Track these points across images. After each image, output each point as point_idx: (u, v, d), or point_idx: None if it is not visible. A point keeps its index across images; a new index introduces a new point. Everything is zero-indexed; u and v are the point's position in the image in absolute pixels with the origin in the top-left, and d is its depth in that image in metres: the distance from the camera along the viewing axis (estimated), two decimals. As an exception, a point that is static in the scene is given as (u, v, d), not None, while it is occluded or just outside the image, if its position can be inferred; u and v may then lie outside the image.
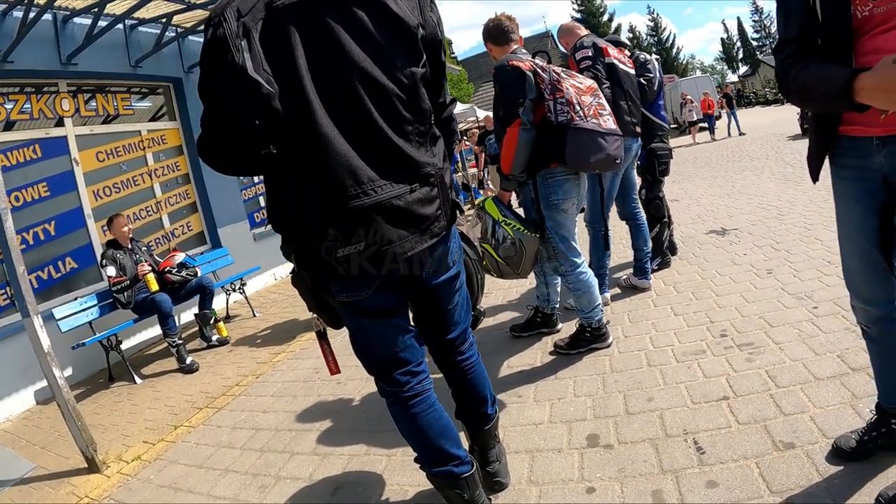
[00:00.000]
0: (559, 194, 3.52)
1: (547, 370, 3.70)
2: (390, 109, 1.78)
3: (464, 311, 2.29)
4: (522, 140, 3.31)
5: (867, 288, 1.98)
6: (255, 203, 10.08)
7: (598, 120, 3.33)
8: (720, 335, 3.67)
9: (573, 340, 3.84)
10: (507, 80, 3.37)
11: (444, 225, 1.95)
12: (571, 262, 3.66)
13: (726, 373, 3.17)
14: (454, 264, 2.11)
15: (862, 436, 2.23)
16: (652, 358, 3.58)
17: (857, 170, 1.83)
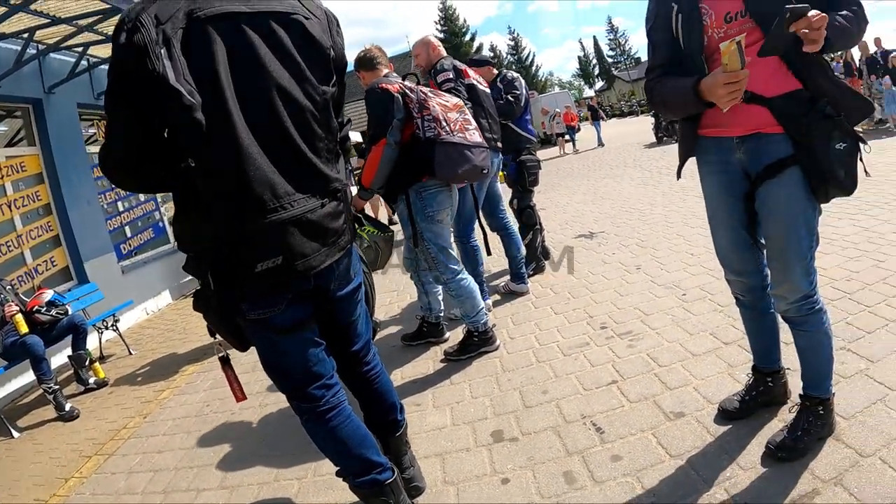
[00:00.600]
0: (433, 206, 3.79)
1: (441, 377, 3.89)
2: (305, 126, 1.88)
3: (365, 322, 2.41)
4: (385, 158, 3.59)
5: (739, 262, 2.43)
6: (121, 233, 9.72)
7: (464, 134, 3.63)
8: (600, 327, 4.06)
9: (462, 346, 4.09)
10: (377, 101, 3.63)
11: (348, 239, 2.08)
12: (451, 270, 3.91)
13: (611, 360, 3.52)
14: (355, 276, 2.24)
15: (743, 396, 2.65)
16: (540, 355, 3.87)
17: (722, 164, 2.29)
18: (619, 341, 3.75)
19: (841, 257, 4.47)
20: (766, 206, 2.18)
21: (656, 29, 2.28)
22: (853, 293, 3.75)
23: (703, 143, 2.33)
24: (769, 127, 2.08)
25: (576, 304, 4.69)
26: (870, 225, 5.17)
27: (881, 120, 12.99)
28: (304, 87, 1.88)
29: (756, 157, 2.16)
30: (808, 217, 2.12)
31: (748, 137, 2.15)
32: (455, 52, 57.37)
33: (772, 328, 2.56)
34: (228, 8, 1.74)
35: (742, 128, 2.15)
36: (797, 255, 2.14)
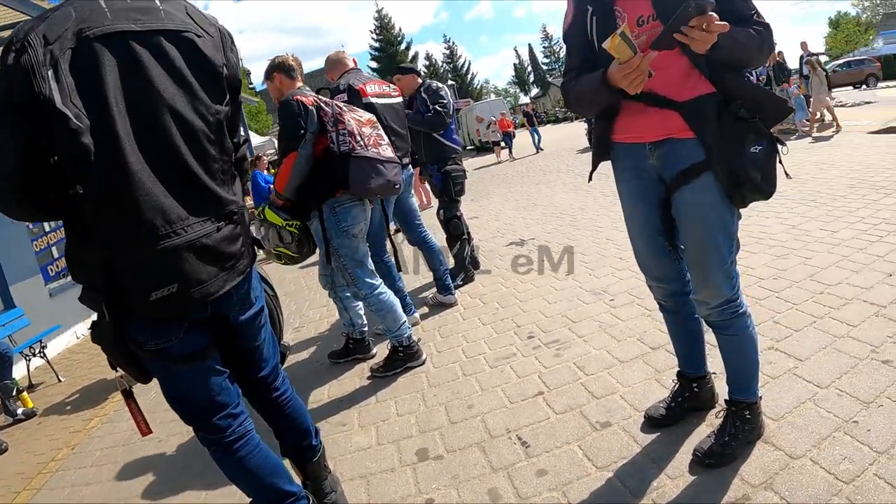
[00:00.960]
0: (348, 220, 3.75)
1: (367, 394, 3.80)
2: (198, 147, 1.82)
3: (271, 346, 2.35)
4: (297, 170, 3.58)
5: (658, 268, 2.39)
6: (48, 255, 9.16)
7: (377, 149, 3.66)
8: (528, 337, 3.99)
9: (388, 362, 4.02)
10: (291, 113, 3.60)
11: (247, 262, 2.03)
12: (369, 285, 3.88)
13: (538, 370, 3.44)
14: (257, 300, 2.17)
15: (669, 403, 2.59)
16: (466, 368, 3.79)
17: (636, 170, 2.24)
18: (546, 350, 3.68)
19: (769, 255, 4.51)
20: (681, 213, 2.13)
21: (572, 32, 2.23)
22: (781, 291, 3.77)
23: (617, 149, 2.29)
24: (681, 132, 2.04)
25: (504, 313, 4.62)
26: (797, 223, 5.26)
27: (786, 130, 13.04)
28: (197, 106, 1.83)
29: (669, 163, 2.11)
30: (725, 222, 2.08)
31: (661, 143, 2.11)
32: (391, 60, 57.71)
33: (696, 333, 2.51)
34: (119, 27, 1.69)
35: (654, 133, 2.11)
36: (716, 260, 2.09)
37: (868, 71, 31.06)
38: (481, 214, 10.22)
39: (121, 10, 1.72)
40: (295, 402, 2.44)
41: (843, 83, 30.09)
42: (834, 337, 3.04)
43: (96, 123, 1.61)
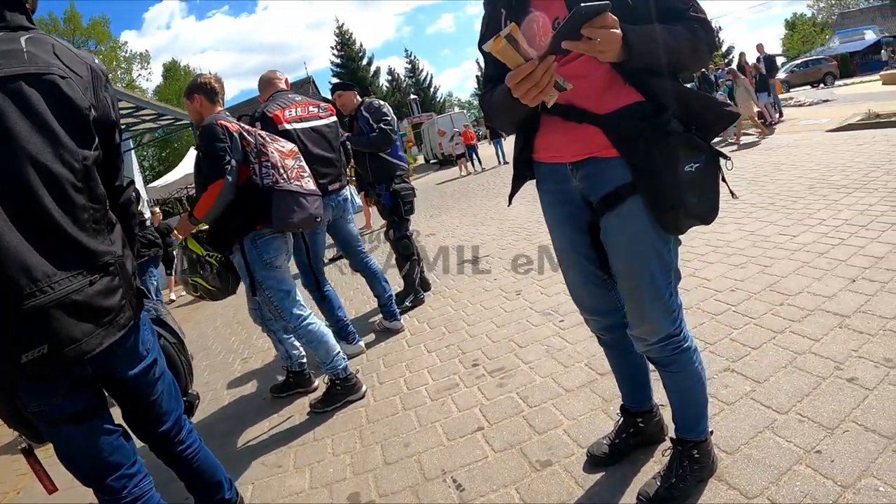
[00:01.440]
0: (270, 252, 3.66)
1: (305, 431, 3.63)
2: (63, 197, 1.73)
3: (171, 398, 2.24)
4: (221, 199, 3.44)
5: (591, 300, 2.15)
6: None
7: (300, 182, 3.60)
8: (472, 365, 3.77)
9: (326, 397, 3.86)
10: (216, 138, 3.46)
11: (130, 315, 1.92)
12: (297, 316, 3.73)
13: (479, 403, 3.22)
14: (148, 353, 2.07)
15: (613, 440, 2.37)
16: (407, 401, 3.58)
17: (560, 193, 2.02)
18: (490, 380, 3.47)
19: (725, 265, 4.35)
20: (609, 242, 1.90)
21: (488, 38, 1.97)
22: (738, 304, 3.60)
23: (540, 169, 2.08)
24: (604, 150, 1.80)
25: (451, 339, 4.40)
26: (755, 228, 5.14)
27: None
28: (61, 153, 1.74)
29: (593, 186, 1.87)
30: (660, 251, 1.84)
31: (582, 163, 1.87)
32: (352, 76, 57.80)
33: (639, 367, 2.29)
34: None
35: (574, 152, 1.88)
36: (652, 294, 1.86)
37: (825, 70, 31.81)
38: (438, 231, 10.02)
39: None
40: (203, 455, 2.35)
41: (802, 83, 31.02)
42: (795, 353, 2.86)
43: None
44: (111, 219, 1.94)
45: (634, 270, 1.85)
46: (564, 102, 1.75)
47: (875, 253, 3.96)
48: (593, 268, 2.04)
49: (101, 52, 41.76)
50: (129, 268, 1.96)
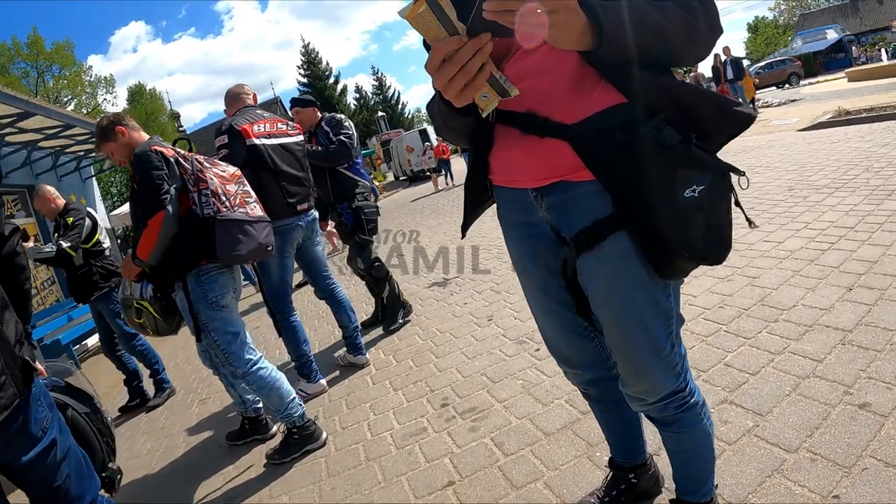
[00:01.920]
0: (216, 290, 3.35)
1: (260, 487, 3.31)
2: None
3: (83, 480, 1.99)
4: (165, 231, 3.13)
5: (570, 351, 1.76)
6: None
7: (245, 209, 3.31)
8: (441, 406, 3.44)
9: (283, 447, 3.56)
10: (152, 166, 3.16)
11: (13, 392, 1.70)
12: (246, 361, 3.43)
13: (450, 451, 2.90)
14: (45, 433, 1.84)
15: (602, 498, 2.05)
16: (370, 450, 3.25)
17: (525, 226, 1.62)
18: (461, 423, 3.14)
19: (711, 279, 4.08)
20: (589, 289, 1.50)
21: None
22: (729, 323, 3.33)
23: (499, 194, 1.68)
24: (575, 172, 1.38)
25: (418, 374, 4.07)
26: (737, 235, 4.84)
27: None
28: None
29: (565, 218, 1.47)
30: (655, 299, 1.44)
31: (548, 189, 1.46)
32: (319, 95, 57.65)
33: (631, 422, 1.94)
34: None
35: (537, 175, 1.46)
36: (648, 349, 1.47)
37: (790, 70, 32.70)
38: (407, 251, 9.69)
39: None
40: None
41: (768, 84, 31.75)
42: (798, 378, 2.58)
43: None
44: None
45: (624, 323, 1.46)
46: (522, 109, 1.40)
47: (868, 257, 3.74)
48: (572, 315, 1.65)
49: (65, 77, 41.26)
50: (10, 336, 1.74)
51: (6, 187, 11.33)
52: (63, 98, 41.31)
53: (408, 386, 3.93)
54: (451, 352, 4.24)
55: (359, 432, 3.52)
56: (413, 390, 3.82)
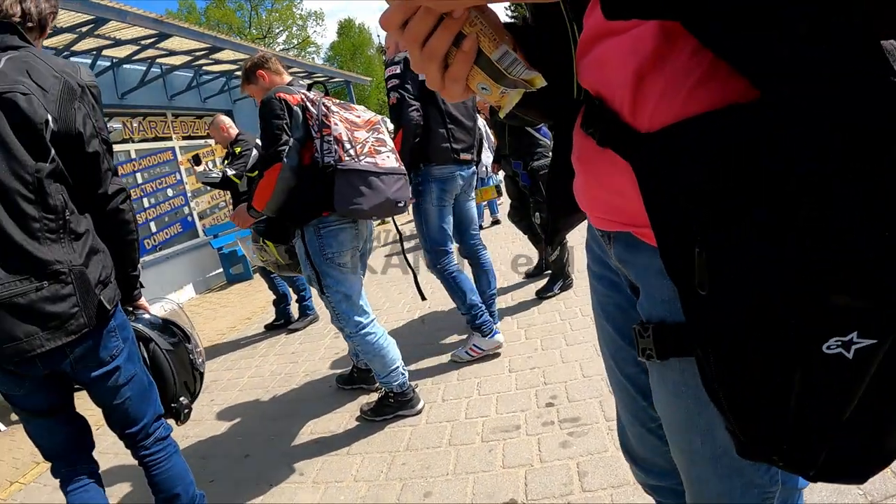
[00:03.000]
0: (333, 246, 3.26)
1: (343, 441, 3.41)
2: (13, 207, 1.91)
3: (143, 405, 2.33)
4: (282, 185, 3.11)
5: (637, 447, 1.28)
6: (145, 229, 10.21)
7: (374, 158, 3.13)
8: (546, 404, 3.16)
9: (377, 407, 3.58)
10: (273, 115, 3.14)
11: (83, 322, 2.02)
12: (355, 323, 3.36)
13: (529, 463, 2.64)
14: (112, 359, 2.17)
15: None
16: (457, 434, 3.10)
17: (601, 265, 1.16)
18: (557, 432, 2.84)
19: None
20: (658, 410, 1.02)
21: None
22: None
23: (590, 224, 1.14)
24: (643, 225, 0.81)
25: (540, 359, 3.80)
26: None
27: None
28: (12, 166, 1.91)
29: (638, 282, 0.96)
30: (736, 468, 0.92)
31: (616, 236, 0.97)
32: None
33: None
34: None
35: (596, 211, 0.98)
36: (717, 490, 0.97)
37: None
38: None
39: None
40: (165, 466, 2.39)
41: None
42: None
43: None
44: (76, 228, 2.05)
45: (682, 454, 1.00)
46: (593, 92, 0.86)
47: None
48: (644, 403, 1.16)
49: (276, 10, 44.16)
50: (93, 277, 2.05)
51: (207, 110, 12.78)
52: (274, 30, 44.25)
53: (524, 371, 3.69)
54: (582, 342, 3.91)
55: (455, 410, 3.41)
56: (526, 377, 3.58)
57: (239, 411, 4.33)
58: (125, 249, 2.30)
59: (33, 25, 2.15)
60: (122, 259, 2.30)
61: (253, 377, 5.03)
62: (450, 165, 4.01)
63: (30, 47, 2.07)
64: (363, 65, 46.03)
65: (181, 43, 9.58)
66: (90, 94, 2.11)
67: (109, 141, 2.17)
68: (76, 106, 2.04)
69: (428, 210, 4.02)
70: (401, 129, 3.71)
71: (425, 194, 3.98)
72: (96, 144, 2.10)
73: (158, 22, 8.33)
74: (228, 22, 40.07)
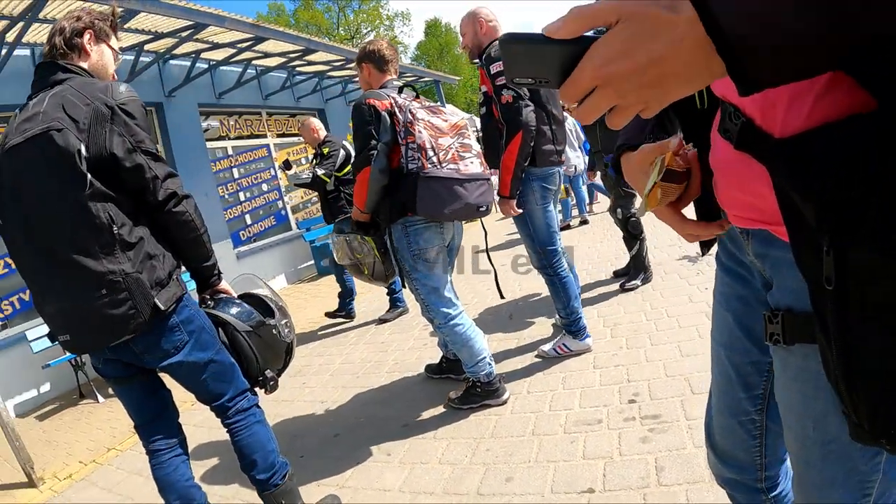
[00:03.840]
0: (419, 243, 3.47)
1: (430, 427, 3.63)
2: (66, 232, 2.22)
3: (220, 384, 2.61)
4: (373, 186, 3.37)
5: (723, 438, 1.38)
6: (240, 221, 11.29)
7: (457, 164, 3.29)
8: (628, 401, 3.25)
9: (464, 395, 3.75)
10: (362, 120, 3.40)
11: (141, 322, 2.29)
12: (443, 314, 3.56)
13: (609, 456, 2.75)
14: (177, 350, 2.45)
15: None
16: (540, 425, 3.24)
17: (732, 259, 1.23)
18: (637, 428, 2.94)
19: None
20: (776, 385, 1.11)
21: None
22: None
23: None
24: (779, 223, 0.86)
25: (625, 357, 3.88)
26: None
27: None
28: (57, 196, 2.21)
29: (775, 278, 1.04)
30: (846, 454, 1.00)
31: (754, 233, 1.05)
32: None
33: None
34: (13, 141, 2.22)
35: (733, 208, 1.04)
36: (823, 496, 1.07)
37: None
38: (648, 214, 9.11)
39: (19, 123, 2.23)
40: (245, 434, 2.65)
41: None
42: None
43: (6, 221, 2.31)
44: (128, 239, 2.28)
45: (798, 456, 1.09)
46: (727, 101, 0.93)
47: None
48: (742, 395, 1.27)
49: (364, 11, 44.84)
50: (149, 281, 2.30)
51: (300, 109, 13.66)
52: (362, 31, 44.75)
53: (608, 368, 3.78)
54: (667, 342, 3.95)
55: (539, 402, 3.54)
56: (611, 374, 3.67)
57: (329, 395, 4.61)
58: (189, 247, 2.50)
59: (66, 52, 2.38)
60: (187, 256, 2.53)
61: (344, 363, 5.32)
62: (551, 166, 4.01)
63: (72, 77, 2.31)
64: (450, 63, 46.24)
65: (275, 45, 10.08)
66: (122, 112, 2.25)
67: (153, 150, 2.33)
68: (107, 129, 2.22)
69: (533, 211, 4.00)
70: (519, 131, 3.65)
71: (528, 195, 3.95)
72: (137, 158, 2.27)
73: (254, 26, 8.79)
74: (317, 23, 41.14)
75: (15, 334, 7.13)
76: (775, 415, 1.18)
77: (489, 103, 3.88)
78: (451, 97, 40.76)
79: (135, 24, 8.03)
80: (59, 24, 2.40)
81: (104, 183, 2.22)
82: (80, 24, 2.40)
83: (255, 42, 9.46)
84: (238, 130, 11.89)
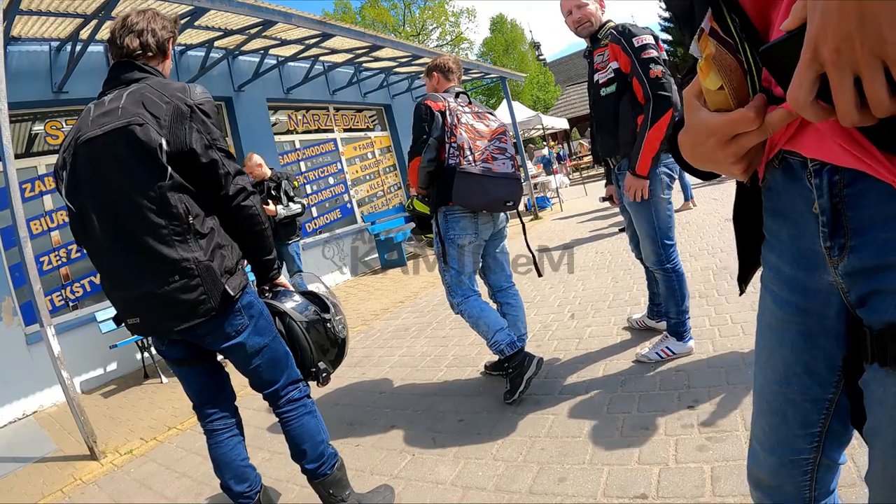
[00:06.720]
0: (455, 230, 4.00)
1: (486, 423, 3.72)
2: (145, 220, 2.38)
3: (274, 371, 2.78)
4: (422, 173, 3.97)
5: (769, 474, 1.26)
6: (306, 214, 11.76)
7: (490, 164, 3.83)
8: (688, 406, 3.25)
9: (510, 386, 3.90)
10: (419, 118, 3.97)
11: (211, 307, 2.48)
12: (461, 294, 4.08)
13: (665, 462, 2.76)
14: (238, 334, 2.62)
15: None
16: (597, 427, 3.28)
17: (793, 284, 1.07)
18: (695, 435, 2.94)
19: None
20: (869, 414, 0.93)
21: None
22: None
23: (767, 220, 1.10)
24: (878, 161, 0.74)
25: (684, 363, 3.87)
26: None
27: None
28: (138, 187, 2.37)
29: (866, 248, 0.85)
30: None
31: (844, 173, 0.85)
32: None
33: None
34: (90, 133, 2.38)
35: (818, 147, 0.86)
36: None
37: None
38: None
39: (96, 117, 2.40)
40: (296, 423, 2.80)
41: None
42: None
43: (80, 208, 2.48)
44: (200, 229, 2.47)
45: None
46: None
47: None
48: (799, 433, 1.16)
49: (429, 8, 45.11)
50: (219, 268, 2.48)
51: (367, 105, 14.27)
52: (428, 27, 45.02)
53: (668, 372, 3.77)
54: (730, 349, 3.88)
55: (597, 404, 3.57)
56: (671, 379, 3.66)
57: (388, 386, 4.76)
58: (254, 239, 2.68)
59: (153, 54, 2.61)
60: (252, 248, 2.71)
61: (403, 356, 5.46)
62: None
63: (148, 77, 2.51)
64: (516, 60, 46.28)
65: (342, 42, 10.42)
66: (200, 112, 2.45)
67: (226, 148, 2.53)
68: (187, 126, 2.41)
69: (659, 202, 3.83)
70: (670, 108, 3.49)
71: (655, 184, 3.77)
72: (212, 154, 2.47)
73: (321, 23, 9.06)
74: (383, 20, 41.44)
75: (85, 315, 7.63)
76: (830, 450, 1.16)
77: (622, 80, 3.74)
78: (517, 94, 40.69)
79: (205, 21, 8.54)
80: (141, 25, 2.58)
81: (182, 176, 2.41)
82: (166, 32, 2.66)
83: (322, 38, 9.79)
84: (305, 125, 12.31)
